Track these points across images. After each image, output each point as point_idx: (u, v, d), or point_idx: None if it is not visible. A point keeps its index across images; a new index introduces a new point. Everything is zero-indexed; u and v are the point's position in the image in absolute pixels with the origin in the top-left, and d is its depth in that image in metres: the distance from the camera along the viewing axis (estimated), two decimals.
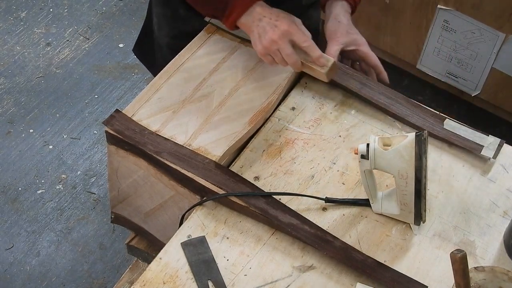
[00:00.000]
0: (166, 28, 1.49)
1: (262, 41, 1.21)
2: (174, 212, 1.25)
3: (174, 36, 1.49)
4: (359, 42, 1.36)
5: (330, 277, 1.09)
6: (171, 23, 1.47)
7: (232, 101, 1.29)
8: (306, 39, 1.21)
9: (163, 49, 1.55)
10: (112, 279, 2.02)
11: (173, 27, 1.47)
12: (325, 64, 1.23)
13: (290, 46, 1.20)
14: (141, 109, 1.27)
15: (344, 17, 1.36)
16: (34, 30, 2.71)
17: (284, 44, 1.20)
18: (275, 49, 1.21)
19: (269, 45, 1.20)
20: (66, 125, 2.41)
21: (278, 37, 1.19)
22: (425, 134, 1.04)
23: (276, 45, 1.20)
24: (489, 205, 1.20)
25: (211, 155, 1.20)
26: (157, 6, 1.49)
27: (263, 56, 1.24)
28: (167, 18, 1.47)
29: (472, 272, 1.01)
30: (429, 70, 2.14)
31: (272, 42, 1.20)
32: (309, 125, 1.30)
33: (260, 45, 1.22)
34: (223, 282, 1.07)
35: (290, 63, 1.22)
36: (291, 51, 1.21)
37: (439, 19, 1.98)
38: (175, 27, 1.47)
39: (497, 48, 1.92)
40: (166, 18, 1.48)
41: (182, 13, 1.43)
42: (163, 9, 1.47)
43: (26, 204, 2.18)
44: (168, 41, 1.51)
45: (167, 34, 1.50)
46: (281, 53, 1.21)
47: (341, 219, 1.16)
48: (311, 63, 1.23)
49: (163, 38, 1.52)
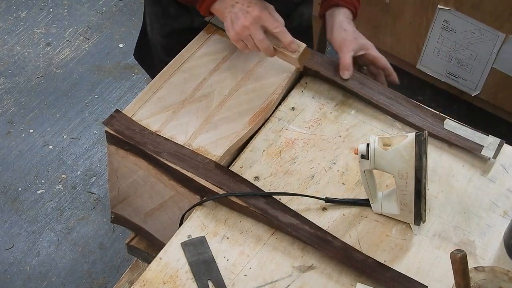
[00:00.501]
0: (157, 27, 1.50)
1: (234, 27, 1.23)
2: (174, 212, 1.25)
3: (166, 34, 1.49)
4: (367, 46, 1.37)
5: (330, 277, 1.09)
6: (162, 21, 1.48)
7: (232, 101, 1.29)
8: (278, 25, 1.22)
9: (158, 49, 1.55)
10: (112, 279, 2.02)
11: (164, 25, 1.48)
12: (296, 50, 1.24)
13: (262, 32, 1.21)
14: (141, 109, 1.27)
15: (349, 24, 1.37)
16: (34, 30, 2.71)
17: (255, 30, 1.21)
18: (247, 34, 1.22)
19: (241, 31, 1.22)
20: (66, 125, 2.41)
21: (250, 23, 1.20)
22: (425, 134, 1.04)
23: (248, 31, 1.21)
24: (489, 205, 1.20)
25: (211, 155, 1.20)
26: (148, 5, 1.51)
27: (235, 42, 1.25)
28: (157, 17, 1.48)
29: (472, 272, 1.01)
30: (429, 70, 2.14)
31: (244, 28, 1.21)
32: (309, 125, 1.30)
33: (232, 31, 1.24)
34: (223, 282, 1.07)
35: (262, 48, 1.23)
36: (263, 37, 1.22)
37: (439, 19, 1.98)
38: (166, 25, 1.48)
39: (497, 48, 1.92)
40: (157, 17, 1.48)
41: (172, 11, 1.44)
42: (154, 8, 1.48)
43: (26, 204, 2.18)
44: (161, 41, 1.52)
45: (159, 33, 1.51)
46: (253, 39, 1.22)
47: (341, 219, 1.16)
48: (283, 48, 1.24)
49: (156, 37, 1.53)
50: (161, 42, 1.52)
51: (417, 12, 2.02)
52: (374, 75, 1.41)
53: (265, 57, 1.36)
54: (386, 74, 1.41)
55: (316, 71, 1.35)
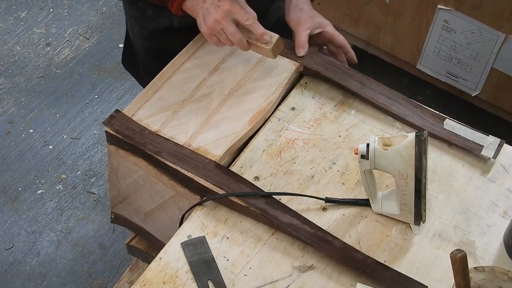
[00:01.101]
0: (137, 30, 1.50)
1: (206, 22, 1.23)
2: (174, 212, 1.25)
3: (146, 36, 1.50)
4: (324, 24, 1.38)
5: (330, 277, 1.09)
6: (140, 23, 1.48)
7: (232, 101, 1.29)
8: (249, 17, 1.22)
9: (141, 54, 1.55)
10: (112, 279, 2.02)
11: (143, 28, 1.48)
12: (269, 41, 1.24)
13: (234, 25, 1.22)
14: (141, 109, 1.27)
15: (305, 4, 1.38)
16: (34, 30, 2.71)
17: (227, 24, 1.21)
18: (219, 29, 1.22)
19: (213, 25, 1.22)
20: (66, 125, 2.41)
21: (221, 17, 1.21)
22: (425, 134, 1.04)
23: (219, 25, 1.22)
24: (489, 205, 1.20)
25: (211, 155, 1.20)
26: (126, 8, 1.51)
27: (208, 37, 1.26)
28: (136, 20, 1.49)
29: (472, 272, 1.01)
30: (429, 70, 2.14)
31: (216, 22, 1.21)
32: (309, 125, 1.30)
33: (204, 26, 1.24)
34: (223, 282, 1.07)
35: (235, 42, 1.24)
36: (235, 30, 1.22)
37: (439, 19, 1.98)
38: (145, 27, 1.48)
39: (497, 48, 1.92)
40: (136, 20, 1.49)
41: (150, 13, 1.45)
42: (132, 11, 1.48)
43: (26, 204, 2.18)
44: (142, 43, 1.52)
45: (139, 36, 1.51)
46: (225, 33, 1.23)
47: (341, 219, 1.16)
48: (256, 40, 1.25)
49: (137, 40, 1.53)
50: (142, 44, 1.52)
51: (417, 12, 2.02)
52: (334, 54, 1.42)
53: (265, 57, 1.36)
54: (344, 52, 1.42)
55: (316, 71, 1.35)
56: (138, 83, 1.74)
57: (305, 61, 1.36)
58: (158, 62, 1.51)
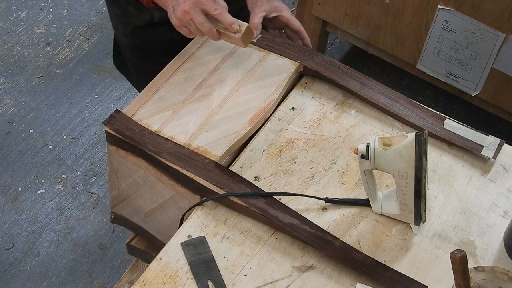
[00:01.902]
0: (121, 28, 1.52)
1: (176, 13, 1.24)
2: (174, 212, 1.25)
3: (129, 33, 1.51)
4: (280, 8, 1.39)
5: (330, 277, 1.09)
6: (123, 21, 1.50)
7: (232, 101, 1.29)
8: (217, 7, 1.23)
9: (127, 52, 1.56)
10: (112, 279, 2.02)
11: (126, 25, 1.49)
12: (238, 30, 1.25)
13: (203, 15, 1.23)
14: (141, 109, 1.27)
15: None
16: (34, 30, 2.71)
17: (196, 14, 1.22)
18: (188, 19, 1.23)
19: (182, 16, 1.23)
20: (66, 125, 2.41)
21: (190, 8, 1.22)
22: (425, 134, 1.04)
23: (188, 16, 1.23)
24: (489, 205, 1.20)
25: (211, 155, 1.20)
26: (109, 7, 1.52)
27: (179, 29, 1.27)
28: (119, 17, 1.50)
29: (472, 272, 1.01)
30: (429, 70, 2.14)
31: (185, 13, 1.22)
32: (309, 125, 1.30)
33: (174, 18, 1.25)
34: (223, 282, 1.07)
35: (205, 32, 1.25)
36: (204, 20, 1.23)
37: (439, 19, 1.98)
38: (128, 24, 1.49)
39: (497, 48, 1.92)
40: (118, 17, 1.50)
41: (132, 9, 1.46)
42: (114, 9, 1.49)
43: (26, 204, 2.18)
44: (126, 41, 1.53)
45: (123, 33, 1.52)
46: (195, 23, 1.24)
47: (341, 219, 1.16)
48: (226, 30, 1.26)
49: (122, 38, 1.54)
50: (126, 42, 1.54)
51: (417, 12, 2.01)
52: (291, 39, 1.44)
53: (266, 57, 1.36)
54: (300, 37, 1.43)
55: (316, 71, 1.36)
56: (130, 83, 1.74)
57: (305, 61, 1.36)
58: (144, 59, 1.53)
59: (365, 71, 1.39)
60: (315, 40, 2.35)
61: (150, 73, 1.46)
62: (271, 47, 1.39)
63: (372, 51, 2.28)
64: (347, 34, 2.26)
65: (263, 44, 1.39)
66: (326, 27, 2.31)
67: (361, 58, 2.61)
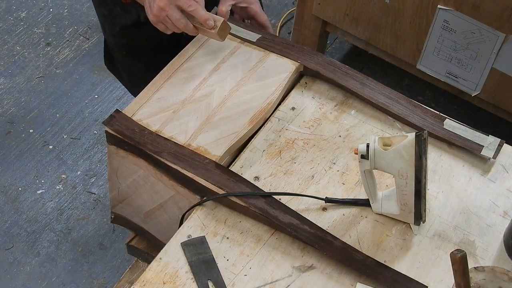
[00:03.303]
0: (108, 28, 1.52)
1: (152, 10, 1.25)
2: (174, 212, 1.25)
3: (116, 33, 1.52)
4: (251, 0, 1.42)
5: (330, 277, 1.09)
6: (109, 21, 1.51)
7: (232, 101, 1.29)
8: (191, 4, 1.24)
9: (115, 51, 1.57)
10: (112, 279, 2.02)
11: (113, 25, 1.50)
12: (213, 26, 1.26)
13: (178, 11, 1.24)
14: (141, 109, 1.27)
15: None
16: (34, 30, 2.71)
17: (171, 11, 1.24)
18: (164, 16, 1.25)
19: (158, 13, 1.25)
20: (66, 125, 2.41)
21: (165, 4, 1.23)
22: (425, 134, 1.05)
23: (164, 12, 1.24)
24: (489, 205, 1.20)
25: (211, 155, 1.20)
26: (96, 7, 1.53)
27: (156, 25, 1.28)
28: (105, 18, 1.51)
29: (472, 272, 1.01)
30: (429, 70, 2.14)
31: (160, 9, 1.24)
32: (309, 125, 1.30)
33: (151, 14, 1.26)
34: (223, 282, 1.07)
35: (181, 28, 1.26)
36: (179, 16, 1.24)
37: (439, 19, 1.98)
38: (115, 24, 1.50)
39: (497, 48, 1.92)
40: (105, 18, 1.51)
41: (118, 9, 1.47)
42: (101, 9, 1.51)
43: (26, 204, 2.18)
44: (113, 41, 1.54)
45: (110, 34, 1.53)
46: (170, 20, 1.25)
47: (341, 219, 1.16)
48: (201, 25, 1.27)
49: (109, 38, 1.55)
50: (113, 42, 1.55)
51: (417, 12, 2.01)
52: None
53: (266, 57, 1.36)
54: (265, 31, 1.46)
55: (316, 71, 1.36)
56: (122, 83, 1.74)
57: (305, 61, 1.36)
58: (132, 59, 1.54)
59: (365, 71, 1.39)
60: (315, 40, 2.35)
61: (140, 73, 1.47)
62: (271, 47, 1.39)
63: (372, 51, 2.28)
64: (347, 34, 2.26)
65: (263, 44, 1.39)
66: (326, 27, 2.31)
67: (361, 58, 2.61)
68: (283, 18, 2.76)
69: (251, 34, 1.41)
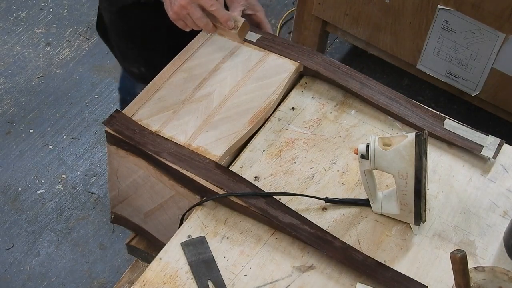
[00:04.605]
0: (106, 4, 1.52)
1: (172, 7, 1.26)
2: (174, 212, 1.25)
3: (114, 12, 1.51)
4: (257, 8, 1.43)
5: (330, 277, 1.09)
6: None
7: (232, 101, 1.29)
8: (213, 3, 1.25)
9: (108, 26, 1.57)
10: (112, 279, 2.02)
11: (111, 3, 1.50)
12: (234, 26, 1.28)
13: (200, 10, 1.25)
14: (141, 109, 1.27)
15: None
16: (34, 30, 2.71)
17: (193, 9, 1.25)
18: (185, 14, 1.26)
19: (179, 10, 1.25)
20: (66, 125, 2.41)
21: (187, 3, 1.24)
22: (425, 134, 1.05)
23: (185, 10, 1.25)
24: (489, 205, 1.20)
25: (211, 155, 1.20)
26: None
27: (175, 22, 1.29)
28: None
29: (472, 272, 1.01)
30: (429, 70, 2.14)
31: (182, 7, 1.25)
32: (309, 125, 1.30)
33: (171, 11, 1.27)
34: (223, 282, 1.07)
35: (202, 26, 1.27)
36: (201, 15, 1.25)
37: (439, 19, 1.98)
38: (113, 2, 1.50)
39: (497, 48, 1.92)
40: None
41: None
42: None
43: (26, 204, 2.18)
44: (110, 17, 1.54)
45: (108, 10, 1.53)
46: (191, 18, 1.26)
47: (341, 219, 1.16)
48: (221, 25, 1.27)
49: (106, 13, 1.55)
50: (110, 19, 1.55)
51: (417, 12, 2.01)
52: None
53: (266, 57, 1.36)
54: None
55: (316, 71, 1.36)
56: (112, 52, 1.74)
57: (305, 61, 1.36)
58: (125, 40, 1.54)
59: (365, 71, 1.39)
60: (315, 40, 2.35)
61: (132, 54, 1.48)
62: (271, 47, 1.39)
63: (372, 51, 2.28)
64: (347, 34, 2.26)
65: (263, 44, 1.39)
66: (326, 27, 2.31)
67: (361, 58, 2.61)
68: (283, 18, 2.76)
69: (251, 34, 1.41)
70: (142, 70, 1.60)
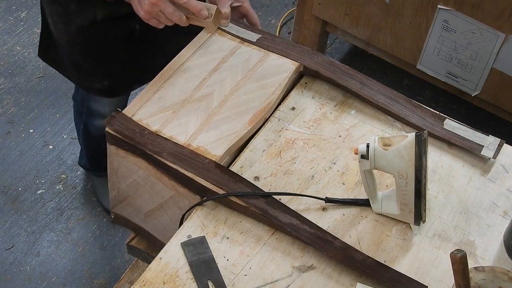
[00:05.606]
0: (61, 26, 1.49)
1: (143, 6, 1.24)
2: (174, 212, 1.25)
3: (71, 32, 1.49)
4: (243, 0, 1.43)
5: (330, 277, 1.09)
6: (64, 20, 1.48)
7: (232, 101, 1.29)
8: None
9: (64, 48, 1.54)
10: (112, 279, 2.02)
11: (68, 24, 1.48)
12: (208, 15, 1.25)
13: (171, 5, 1.23)
14: (141, 109, 1.27)
15: None
16: (34, 30, 2.71)
17: (164, 5, 1.22)
18: (157, 11, 1.23)
19: (150, 9, 1.23)
20: (66, 125, 2.41)
21: (157, 0, 1.21)
22: (425, 134, 1.05)
23: (157, 8, 1.22)
24: (489, 205, 1.20)
25: (211, 155, 1.20)
26: (47, 5, 1.50)
27: (148, 21, 1.27)
28: (59, 16, 1.48)
29: (472, 272, 1.01)
30: (429, 70, 2.14)
31: (153, 5, 1.22)
32: (309, 125, 1.30)
33: (142, 11, 1.25)
34: (223, 282, 1.07)
35: (175, 20, 1.25)
36: (173, 9, 1.23)
37: (439, 19, 1.98)
38: (70, 23, 1.47)
39: (497, 48, 1.92)
40: (59, 16, 1.48)
41: (73, 8, 1.44)
42: (53, 7, 1.47)
43: (26, 204, 2.18)
44: (68, 39, 1.51)
45: (65, 32, 1.50)
46: (164, 14, 1.24)
47: (341, 219, 1.16)
48: (195, 15, 1.25)
49: (62, 36, 1.52)
50: (68, 40, 1.51)
51: (417, 12, 2.01)
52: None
53: (266, 57, 1.36)
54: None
55: (316, 71, 1.36)
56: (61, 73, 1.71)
57: (305, 61, 1.36)
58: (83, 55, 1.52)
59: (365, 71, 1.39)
60: (315, 40, 2.35)
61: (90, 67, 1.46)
62: (271, 47, 1.39)
63: (372, 51, 2.28)
64: (347, 34, 2.26)
65: (263, 44, 1.39)
66: (326, 27, 2.31)
67: (361, 58, 2.61)
68: (283, 18, 2.76)
69: (251, 34, 1.41)
70: (105, 84, 1.57)
